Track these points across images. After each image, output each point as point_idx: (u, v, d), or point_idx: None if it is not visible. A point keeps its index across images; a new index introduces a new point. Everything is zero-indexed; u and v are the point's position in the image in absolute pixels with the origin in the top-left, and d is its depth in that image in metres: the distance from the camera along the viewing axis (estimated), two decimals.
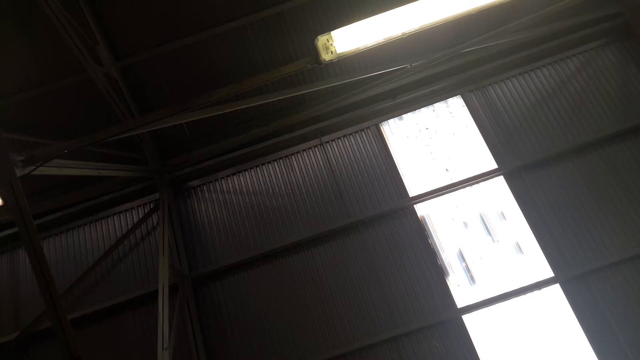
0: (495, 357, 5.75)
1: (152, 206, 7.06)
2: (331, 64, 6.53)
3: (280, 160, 7.12)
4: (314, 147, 7.12)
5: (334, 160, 6.98)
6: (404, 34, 4.52)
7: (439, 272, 6.17)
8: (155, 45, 6.18)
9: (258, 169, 7.12)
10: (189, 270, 6.59)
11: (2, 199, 5.34)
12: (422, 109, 7.13)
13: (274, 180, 7.01)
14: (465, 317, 5.95)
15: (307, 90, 5.70)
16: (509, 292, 5.91)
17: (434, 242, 6.37)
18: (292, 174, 7.00)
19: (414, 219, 6.48)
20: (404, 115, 7.14)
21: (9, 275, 6.91)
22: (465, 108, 7.02)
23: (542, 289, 5.96)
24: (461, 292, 6.08)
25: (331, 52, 4.53)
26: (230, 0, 6.03)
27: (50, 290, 3.72)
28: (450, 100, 7.13)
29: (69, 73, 6.10)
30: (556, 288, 5.94)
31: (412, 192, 6.63)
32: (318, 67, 6.80)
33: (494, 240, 6.27)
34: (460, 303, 6.00)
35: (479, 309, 5.93)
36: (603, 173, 6.36)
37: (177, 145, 7.12)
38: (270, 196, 6.91)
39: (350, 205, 6.65)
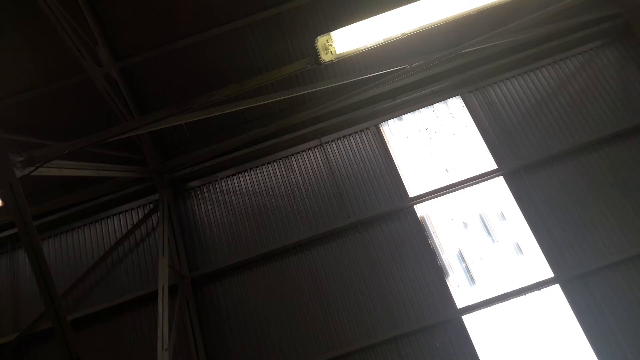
0: (495, 357, 5.75)
1: (151, 207, 7.06)
2: (331, 64, 6.51)
3: (280, 161, 7.11)
4: (314, 147, 7.12)
5: (333, 161, 6.98)
6: (403, 34, 4.51)
7: (439, 273, 6.17)
8: (154, 46, 6.18)
9: (258, 169, 7.12)
10: (189, 271, 6.58)
11: (2, 199, 5.33)
12: (422, 110, 7.13)
13: (274, 180, 7.01)
14: (465, 318, 5.95)
15: (307, 91, 5.70)
16: (509, 292, 5.91)
17: (434, 242, 6.37)
18: (292, 175, 7.00)
19: (414, 220, 6.48)
20: (404, 116, 7.13)
21: (9, 276, 6.91)
22: (465, 108, 7.02)
23: (542, 289, 5.96)
24: (461, 293, 6.08)
25: (331, 52, 4.52)
26: (229, 1, 6.03)
27: (50, 291, 3.72)
28: (450, 100, 7.13)
29: (68, 74, 6.10)
30: (556, 288, 5.94)
31: (412, 192, 6.63)
32: (318, 68, 6.80)
33: (493, 241, 6.27)
34: (460, 303, 6.00)
35: (478, 309, 5.93)
36: (603, 173, 6.36)
37: (177, 146, 7.11)
38: (270, 197, 6.91)
39: (350, 206, 6.65)
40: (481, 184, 6.58)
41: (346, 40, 4.49)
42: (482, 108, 6.96)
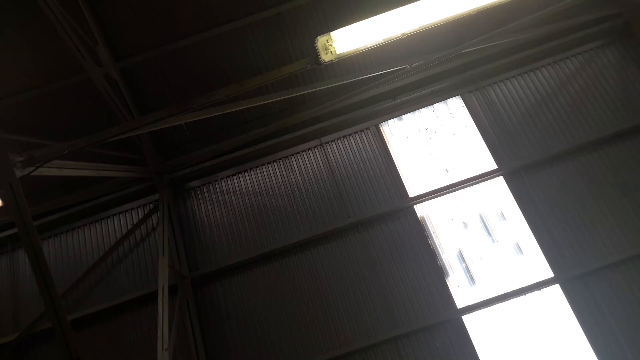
0: (495, 357, 5.75)
1: (151, 207, 7.06)
2: (331, 64, 6.51)
3: (280, 161, 7.11)
4: (314, 147, 7.12)
5: (333, 161, 6.98)
6: (403, 34, 4.51)
7: (439, 273, 6.17)
8: (154, 46, 6.18)
9: (258, 169, 7.12)
10: (189, 271, 6.58)
11: (2, 199, 5.33)
12: (422, 110, 7.13)
13: (274, 180, 7.01)
14: (465, 318, 5.95)
15: (307, 91, 5.70)
16: (509, 292, 5.91)
17: (434, 242, 6.37)
18: (292, 175, 7.00)
19: (414, 220, 6.48)
20: (404, 116, 7.13)
21: (9, 276, 6.91)
22: (465, 108, 7.02)
23: (542, 289, 5.96)
24: (461, 293, 6.08)
25: (331, 52, 4.52)
26: (229, 1, 6.03)
27: (50, 291, 3.72)
28: (450, 100, 7.13)
29: (68, 74, 6.10)
30: (556, 288, 5.94)
31: (412, 192, 6.63)
32: (318, 68, 6.80)
33: (493, 241, 6.27)
34: (460, 303, 6.00)
35: (478, 309, 5.93)
36: (603, 173, 6.36)
37: (177, 146, 7.11)
38: (270, 197, 6.91)
39: (350, 206, 6.65)
40: (481, 184, 6.58)
41: (346, 40, 4.49)
42: (482, 108, 6.96)
